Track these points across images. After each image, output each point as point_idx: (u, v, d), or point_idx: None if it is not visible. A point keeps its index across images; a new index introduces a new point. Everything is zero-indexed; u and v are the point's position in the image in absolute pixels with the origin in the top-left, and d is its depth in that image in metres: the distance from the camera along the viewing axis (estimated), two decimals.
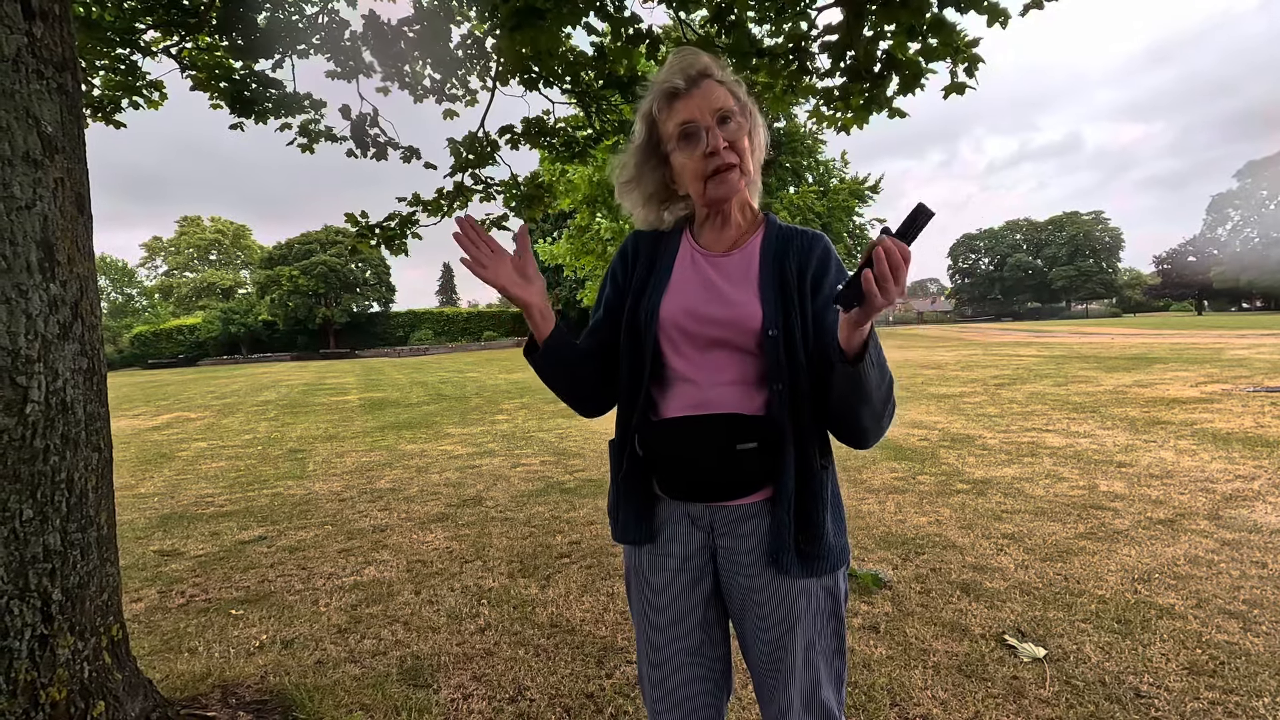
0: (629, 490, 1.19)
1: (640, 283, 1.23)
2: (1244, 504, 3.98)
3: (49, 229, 1.52)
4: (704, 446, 1.09)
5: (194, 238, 64.10)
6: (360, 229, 4.81)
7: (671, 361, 1.17)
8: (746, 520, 1.13)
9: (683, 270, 1.21)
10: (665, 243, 1.27)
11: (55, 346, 1.53)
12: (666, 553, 1.18)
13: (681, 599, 1.18)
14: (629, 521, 1.19)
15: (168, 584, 3.50)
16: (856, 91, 3.40)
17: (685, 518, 1.17)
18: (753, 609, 1.14)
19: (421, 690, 2.33)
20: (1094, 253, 74.89)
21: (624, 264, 1.28)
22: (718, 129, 1.11)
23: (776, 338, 1.09)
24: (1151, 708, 2.04)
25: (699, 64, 1.12)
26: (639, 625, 1.22)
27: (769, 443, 1.08)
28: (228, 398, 15.52)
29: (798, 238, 1.18)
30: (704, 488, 1.11)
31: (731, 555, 1.15)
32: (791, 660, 1.11)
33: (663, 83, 1.14)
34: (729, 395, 1.12)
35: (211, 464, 7.14)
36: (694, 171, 1.14)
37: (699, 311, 1.14)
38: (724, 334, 1.12)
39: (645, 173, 1.22)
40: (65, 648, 1.54)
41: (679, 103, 1.12)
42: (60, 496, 1.54)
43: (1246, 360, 12.03)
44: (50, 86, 1.54)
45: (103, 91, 4.43)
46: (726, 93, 1.12)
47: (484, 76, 4.62)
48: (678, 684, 1.18)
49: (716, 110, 1.10)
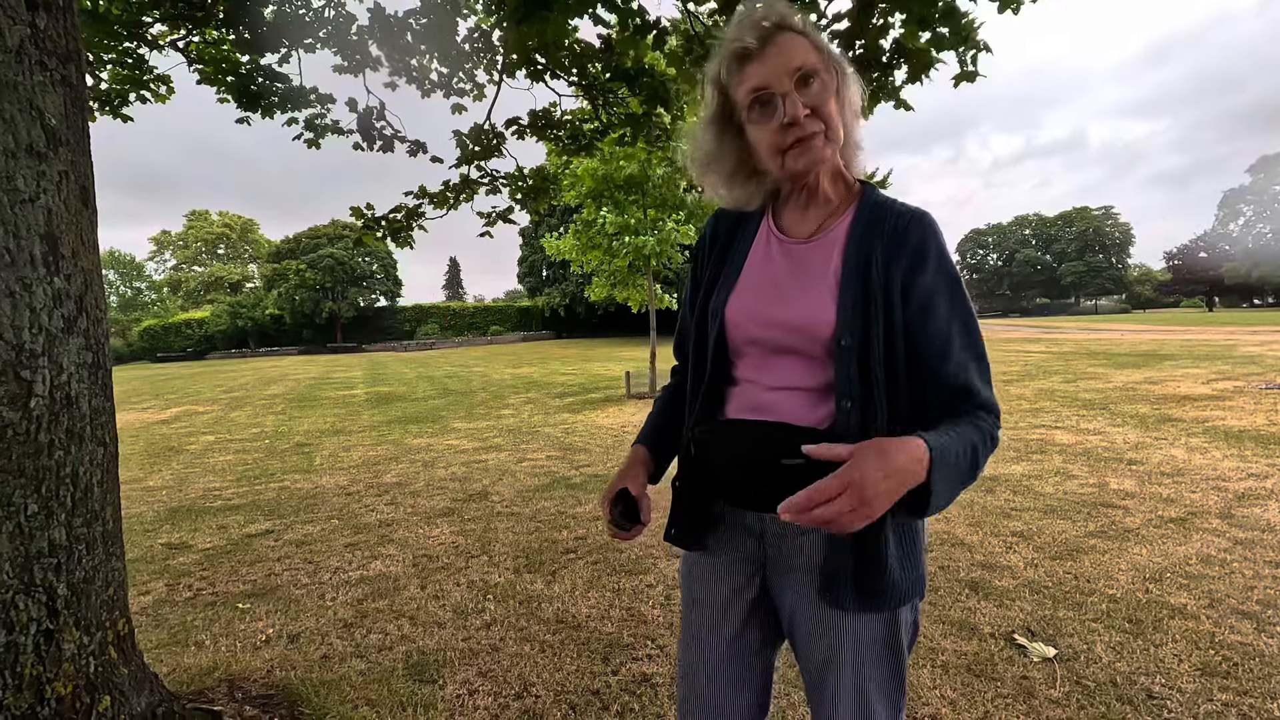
0: (685, 495, 1.11)
1: (713, 274, 1.10)
2: (1257, 502, 3.94)
3: (53, 222, 1.51)
4: (748, 454, 0.97)
5: (202, 232, 64.41)
6: (366, 221, 4.80)
7: (735, 361, 1.06)
8: (798, 536, 1.02)
9: (755, 261, 1.07)
10: (745, 224, 1.12)
11: (60, 340, 1.52)
12: (718, 557, 1.10)
13: (723, 605, 1.09)
14: (681, 527, 1.11)
15: (175, 577, 3.51)
16: (865, 81, 3.36)
17: (738, 524, 1.08)
18: (801, 629, 1.04)
19: (427, 686, 2.32)
20: (1104, 248, 74.38)
21: (702, 252, 1.16)
22: (797, 93, 0.93)
23: (849, 348, 0.93)
24: (1164, 709, 2.01)
25: (773, 14, 0.94)
26: (684, 624, 1.15)
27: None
28: (235, 392, 15.60)
29: (889, 218, 0.98)
30: (752, 496, 0.98)
31: (780, 569, 1.05)
32: (839, 684, 1.00)
33: (731, 41, 0.96)
34: (789, 403, 0.98)
35: (219, 457, 7.17)
36: (769, 145, 0.97)
37: (763, 314, 1.01)
38: (792, 340, 0.98)
39: (722, 147, 1.05)
40: (71, 642, 1.54)
41: (751, 65, 0.95)
42: (65, 491, 1.53)
43: (1259, 357, 11.91)
44: (54, 78, 1.53)
45: (110, 85, 4.43)
46: (808, 46, 0.94)
47: (491, 70, 4.59)
48: (710, 692, 1.09)
49: (795, 70, 0.93)
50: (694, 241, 1.23)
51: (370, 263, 49.23)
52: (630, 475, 1.13)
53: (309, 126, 4.71)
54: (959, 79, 3.31)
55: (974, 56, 3.18)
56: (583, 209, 12.00)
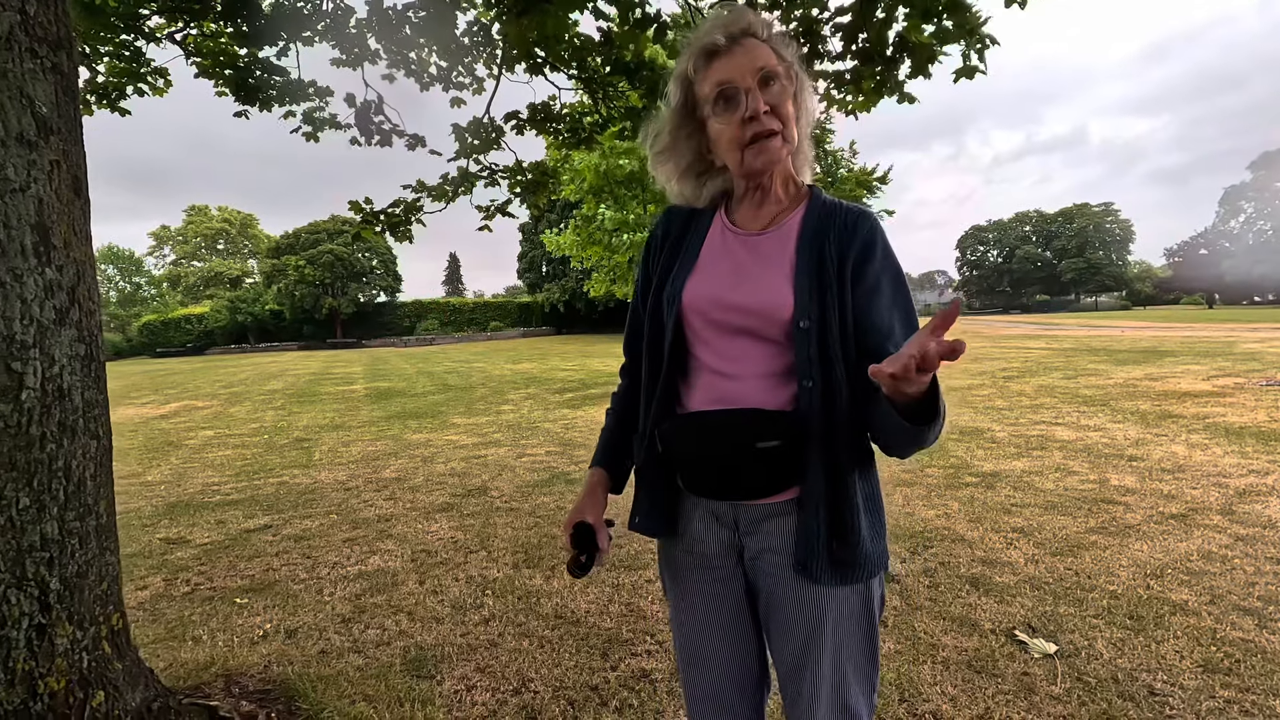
0: (648, 483, 1.13)
1: (667, 265, 1.15)
2: (1258, 499, 3.93)
3: (44, 212, 1.49)
4: (724, 444, 1.00)
5: (201, 227, 64.26)
6: (365, 215, 4.78)
7: (695, 350, 1.09)
8: (771, 519, 1.05)
9: (711, 251, 1.11)
10: (697, 221, 1.17)
11: (51, 332, 1.50)
12: (693, 550, 1.12)
13: (714, 598, 1.12)
14: (646, 514, 1.14)
15: (173, 572, 3.50)
16: (868, 75, 3.34)
17: (709, 514, 1.10)
18: (778, 611, 1.07)
19: (425, 681, 2.31)
20: (1104, 245, 74.23)
21: (654, 246, 1.20)
22: (759, 91, 0.99)
23: (808, 330, 0.98)
24: (1166, 706, 2.00)
25: (742, 20, 1.01)
26: (674, 622, 1.18)
27: (793, 441, 0.98)
28: (235, 387, 15.58)
29: (840, 215, 1.05)
30: (725, 487, 1.03)
31: (757, 554, 1.08)
32: (818, 665, 1.04)
33: (700, 39, 1.03)
34: (754, 389, 1.03)
35: (218, 452, 7.16)
36: (730, 139, 1.02)
37: (724, 298, 1.05)
38: (751, 323, 1.03)
39: (680, 141, 1.11)
40: (64, 637, 1.52)
41: (718, 62, 1.01)
42: (58, 484, 1.52)
43: (1259, 354, 11.90)
44: (45, 66, 1.51)
45: (107, 78, 4.40)
46: (770, 51, 1.01)
47: (490, 64, 4.56)
48: (714, 682, 1.13)
49: (759, 70, 0.99)
50: None
51: (370, 258, 49.15)
52: (589, 504, 1.17)
53: (307, 120, 4.68)
54: (959, 74, 3.29)
55: (979, 51, 3.15)
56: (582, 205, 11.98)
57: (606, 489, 1.20)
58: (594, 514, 1.15)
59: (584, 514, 1.15)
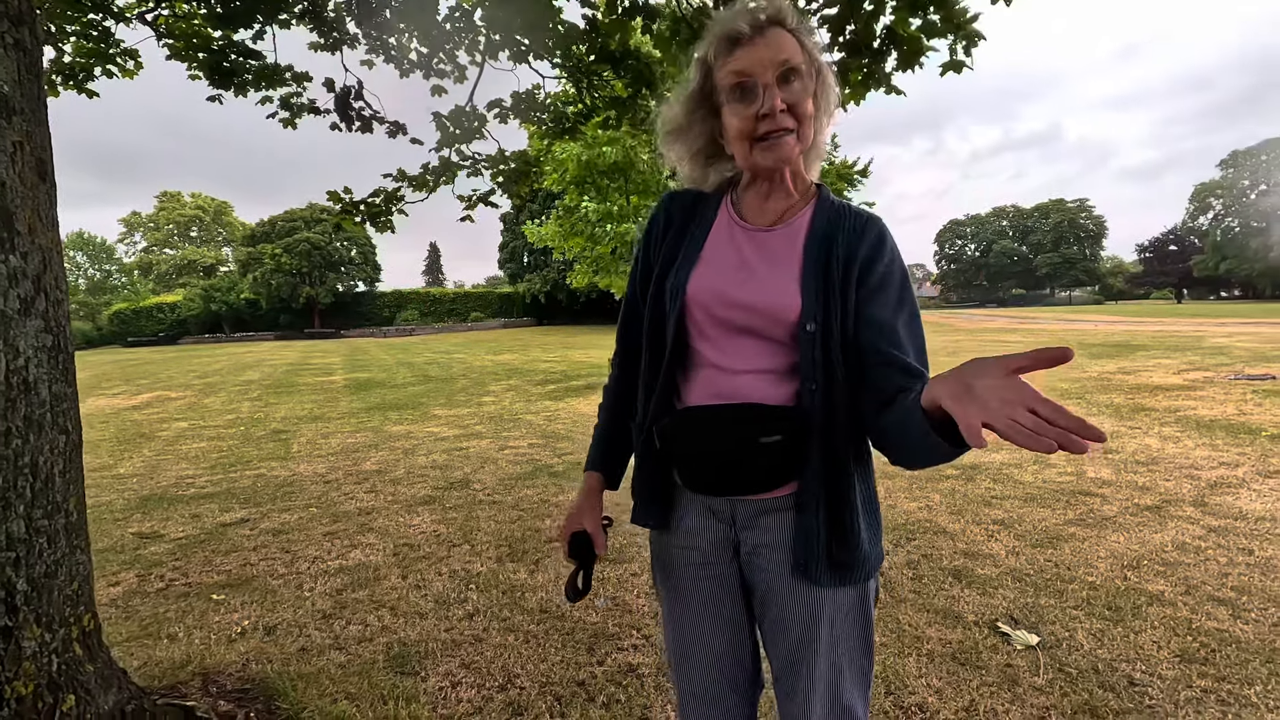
0: (645, 475, 1.13)
1: (669, 254, 1.11)
2: (1229, 491, 4.01)
3: (7, 196, 1.42)
4: (727, 438, 1.00)
5: (174, 214, 62.83)
6: (344, 205, 4.68)
7: (695, 344, 1.07)
8: (769, 514, 1.04)
9: (717, 243, 1.09)
10: (702, 208, 1.14)
11: (16, 323, 1.44)
12: (688, 545, 1.11)
13: (707, 594, 1.11)
14: (643, 505, 1.13)
15: (146, 567, 3.41)
16: (855, 67, 3.32)
17: (705, 509, 1.09)
18: (773, 608, 1.06)
19: (409, 678, 2.28)
20: (1078, 240, 75.48)
21: (654, 234, 1.16)
22: (777, 87, 0.96)
23: (814, 334, 0.98)
24: (1145, 696, 2.03)
25: (770, 7, 0.97)
26: (665, 617, 1.16)
27: (795, 435, 0.97)
28: (209, 377, 15.28)
29: (849, 218, 1.04)
30: (724, 482, 1.02)
31: (753, 550, 1.07)
32: (814, 662, 1.03)
33: (725, 24, 0.99)
34: (754, 384, 1.02)
35: (192, 444, 7.01)
36: (740, 131, 1.00)
37: (729, 294, 1.03)
38: (755, 322, 1.02)
39: (694, 123, 1.08)
40: (32, 640, 1.47)
41: (739, 50, 0.98)
42: (24, 482, 1.46)
43: (1226, 348, 12.17)
44: (5, 42, 1.43)
45: (74, 58, 4.24)
46: (796, 45, 0.97)
47: (473, 51, 4.47)
48: (707, 678, 1.12)
49: (781, 64, 0.96)
50: None
51: (348, 248, 48.47)
52: (585, 510, 1.16)
53: (284, 105, 4.56)
54: (946, 68, 3.29)
55: (966, 46, 3.15)
56: (565, 195, 11.88)
57: (602, 493, 1.19)
58: (591, 521, 1.14)
59: (581, 521, 1.13)
